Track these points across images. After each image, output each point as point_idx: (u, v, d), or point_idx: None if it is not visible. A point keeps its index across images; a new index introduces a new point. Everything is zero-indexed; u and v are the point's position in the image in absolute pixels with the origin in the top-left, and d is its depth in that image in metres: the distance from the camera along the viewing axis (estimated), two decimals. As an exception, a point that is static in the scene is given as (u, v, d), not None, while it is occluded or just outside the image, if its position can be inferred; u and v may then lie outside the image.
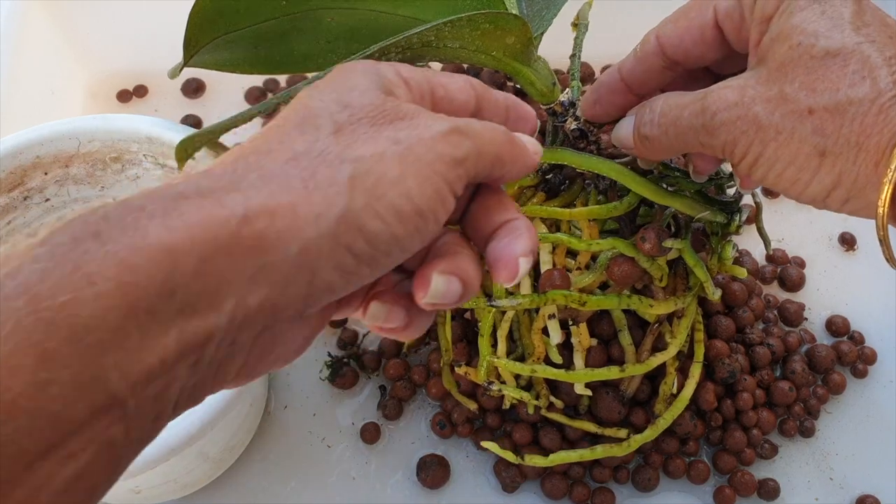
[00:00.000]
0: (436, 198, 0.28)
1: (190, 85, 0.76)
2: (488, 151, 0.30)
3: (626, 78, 0.42)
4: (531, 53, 0.41)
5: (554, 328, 0.49)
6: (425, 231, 0.28)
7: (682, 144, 0.38)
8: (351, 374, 0.62)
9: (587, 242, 0.46)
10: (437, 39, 0.35)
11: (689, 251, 0.46)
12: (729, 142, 0.35)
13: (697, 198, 0.44)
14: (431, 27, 0.34)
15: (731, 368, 0.58)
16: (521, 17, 0.37)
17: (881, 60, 0.32)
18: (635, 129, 0.40)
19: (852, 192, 0.33)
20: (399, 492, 0.59)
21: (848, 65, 0.32)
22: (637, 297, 0.48)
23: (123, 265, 0.22)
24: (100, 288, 0.22)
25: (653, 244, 0.44)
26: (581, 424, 0.56)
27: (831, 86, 0.32)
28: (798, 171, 0.34)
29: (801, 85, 0.33)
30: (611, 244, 0.45)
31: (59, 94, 0.74)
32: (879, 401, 0.63)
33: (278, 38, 0.40)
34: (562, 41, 0.49)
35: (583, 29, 0.48)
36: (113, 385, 0.22)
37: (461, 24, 0.35)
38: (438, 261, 0.30)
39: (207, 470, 0.57)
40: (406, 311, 0.31)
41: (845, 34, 0.33)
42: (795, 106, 0.33)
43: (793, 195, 0.35)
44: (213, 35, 0.38)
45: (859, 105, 0.32)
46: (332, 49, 0.41)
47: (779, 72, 0.34)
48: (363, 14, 0.40)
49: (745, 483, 0.58)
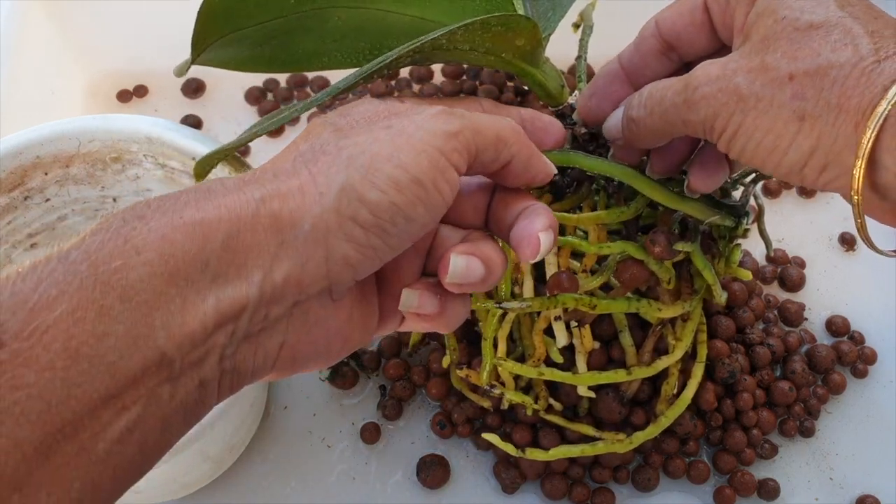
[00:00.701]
0: (432, 168, 0.31)
1: (190, 85, 0.76)
2: (486, 130, 0.33)
3: (625, 66, 0.42)
4: (539, 55, 0.41)
5: (560, 330, 0.49)
6: (428, 201, 0.31)
7: (666, 124, 0.37)
8: (351, 374, 0.62)
9: (597, 246, 0.46)
10: (449, 42, 0.35)
11: (698, 254, 0.46)
12: (709, 115, 0.35)
13: (706, 202, 0.44)
14: (445, 32, 0.34)
15: (731, 368, 0.59)
16: (531, 19, 0.37)
17: (863, 31, 0.32)
18: (624, 115, 0.40)
19: (830, 156, 0.33)
20: (399, 492, 0.59)
21: (831, 34, 0.33)
22: (646, 300, 0.48)
23: (164, 239, 0.26)
24: (145, 257, 0.26)
25: (663, 247, 0.44)
26: (580, 428, 0.56)
27: (812, 52, 0.32)
28: (776, 138, 0.34)
29: (783, 54, 0.33)
30: (621, 247, 0.46)
31: (59, 94, 0.73)
32: (879, 401, 0.63)
33: (284, 36, 0.40)
34: (565, 43, 0.49)
35: (588, 31, 0.48)
36: (161, 343, 0.25)
37: (474, 27, 0.35)
38: (458, 245, 0.34)
39: (207, 470, 0.57)
40: (438, 299, 0.34)
41: (830, 9, 0.33)
42: (776, 73, 0.33)
43: (770, 166, 0.35)
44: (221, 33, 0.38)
45: (840, 68, 0.32)
46: (339, 48, 0.41)
47: (762, 44, 0.34)
48: (371, 13, 0.40)
49: (745, 483, 0.58)
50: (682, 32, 0.40)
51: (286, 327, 0.30)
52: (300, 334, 0.30)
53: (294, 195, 0.29)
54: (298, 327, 0.30)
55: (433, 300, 0.34)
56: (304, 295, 0.29)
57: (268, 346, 0.29)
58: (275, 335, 0.29)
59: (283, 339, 0.30)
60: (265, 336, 0.29)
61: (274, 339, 0.29)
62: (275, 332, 0.29)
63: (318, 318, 0.31)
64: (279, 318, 0.29)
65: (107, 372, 0.24)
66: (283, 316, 0.29)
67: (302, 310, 0.30)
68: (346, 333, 0.33)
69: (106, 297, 0.25)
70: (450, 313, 0.34)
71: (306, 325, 0.30)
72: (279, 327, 0.29)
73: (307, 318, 0.30)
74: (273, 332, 0.29)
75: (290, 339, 0.30)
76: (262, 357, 0.29)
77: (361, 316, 0.33)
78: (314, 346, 0.31)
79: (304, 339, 0.30)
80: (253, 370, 0.29)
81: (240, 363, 0.29)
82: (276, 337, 0.29)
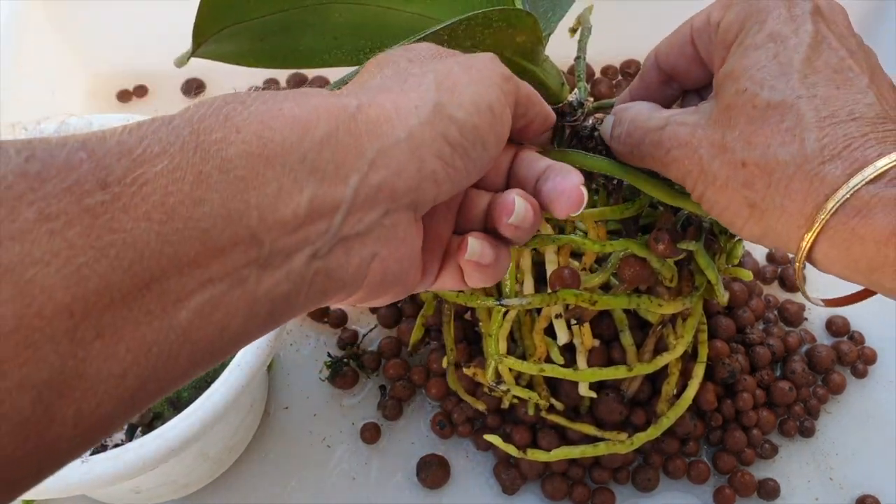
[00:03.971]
0: (500, 101, 0.33)
1: (190, 85, 0.76)
2: (523, 86, 0.35)
3: (634, 96, 0.43)
4: (540, 53, 0.41)
5: (561, 328, 0.49)
6: (497, 130, 0.33)
7: (644, 166, 0.39)
8: (351, 374, 0.62)
9: (600, 243, 0.46)
10: (451, 39, 0.35)
11: (702, 253, 0.46)
12: (679, 177, 0.37)
13: None
14: (447, 26, 0.34)
15: (731, 368, 0.59)
16: (532, 14, 0.37)
17: (814, 121, 0.33)
18: (610, 134, 0.41)
19: (778, 244, 0.35)
20: (399, 492, 0.59)
21: (784, 120, 0.33)
22: (646, 296, 0.48)
23: (263, 124, 0.26)
24: (244, 135, 0.26)
25: (666, 245, 0.44)
26: (581, 427, 0.56)
27: (764, 140, 0.33)
28: (733, 216, 0.35)
29: (740, 134, 0.34)
30: (624, 245, 0.46)
31: (60, 94, 0.74)
32: (879, 401, 0.63)
33: (284, 31, 0.40)
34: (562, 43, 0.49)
35: (586, 32, 0.48)
36: (253, 223, 0.26)
37: (476, 21, 0.35)
38: (511, 190, 0.35)
39: (207, 470, 0.57)
40: (493, 249, 0.35)
41: (790, 85, 0.33)
42: (732, 156, 0.34)
43: (734, 231, 0.37)
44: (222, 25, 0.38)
45: (785, 168, 0.33)
46: (339, 45, 0.41)
47: (724, 114, 0.35)
48: (371, 10, 0.40)
49: (745, 483, 0.58)
50: (677, 64, 0.41)
51: (378, 237, 0.30)
52: (391, 248, 0.31)
53: (389, 107, 0.30)
54: (390, 240, 0.31)
55: (490, 250, 0.35)
56: (395, 204, 0.30)
57: (362, 254, 0.30)
58: (367, 244, 0.30)
59: (375, 250, 0.30)
60: (358, 243, 0.29)
61: (367, 247, 0.30)
62: (368, 239, 0.30)
63: (405, 234, 0.31)
64: (372, 227, 0.30)
65: (198, 238, 0.24)
66: (375, 224, 0.30)
67: (392, 221, 0.30)
68: (419, 263, 0.34)
69: (205, 164, 0.25)
70: (500, 263, 0.36)
71: (396, 239, 0.31)
72: (372, 236, 0.30)
73: (397, 231, 0.31)
74: (366, 239, 0.30)
75: (381, 251, 0.30)
76: (356, 265, 0.30)
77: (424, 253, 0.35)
78: (401, 264, 0.32)
79: (394, 254, 0.31)
80: (345, 279, 0.30)
81: (332, 267, 0.29)
82: (368, 246, 0.30)
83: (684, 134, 0.36)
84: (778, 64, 0.34)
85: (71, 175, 0.23)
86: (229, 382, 0.47)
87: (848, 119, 0.32)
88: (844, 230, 0.32)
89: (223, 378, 0.47)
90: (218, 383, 0.47)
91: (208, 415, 0.46)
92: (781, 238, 0.34)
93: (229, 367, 0.48)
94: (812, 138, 0.32)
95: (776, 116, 0.33)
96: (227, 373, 0.47)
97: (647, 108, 0.40)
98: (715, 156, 0.35)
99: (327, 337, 0.65)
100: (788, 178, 0.33)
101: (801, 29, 0.35)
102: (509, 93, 0.34)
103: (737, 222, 0.36)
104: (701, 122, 0.36)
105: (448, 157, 0.31)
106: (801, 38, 0.34)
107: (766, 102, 0.33)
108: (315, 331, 0.65)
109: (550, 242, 0.46)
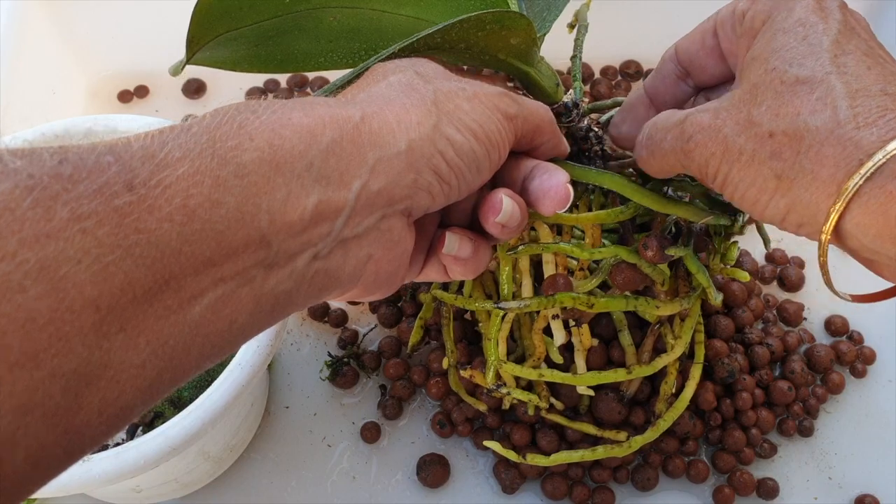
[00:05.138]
0: (497, 133, 0.34)
1: (191, 85, 0.76)
2: (532, 119, 0.37)
3: (648, 90, 0.44)
4: (534, 54, 0.41)
5: (558, 328, 0.49)
6: (491, 159, 0.35)
7: (667, 165, 0.39)
8: (351, 374, 0.62)
9: (589, 252, 0.46)
10: (444, 41, 0.35)
11: (691, 258, 0.46)
12: (702, 163, 0.36)
13: (702, 200, 0.44)
14: (439, 29, 0.34)
15: (730, 368, 0.59)
16: (526, 16, 0.37)
17: (845, 92, 0.32)
18: (636, 152, 0.41)
19: (805, 216, 0.34)
20: (399, 491, 0.59)
21: (814, 92, 0.32)
22: (644, 298, 0.48)
23: (274, 132, 0.28)
24: (256, 143, 0.28)
25: (655, 251, 0.44)
26: (581, 427, 0.56)
27: (794, 111, 0.33)
28: (758, 192, 0.35)
29: (767, 108, 0.33)
30: (612, 252, 0.46)
31: (60, 94, 0.74)
32: (878, 400, 0.63)
33: (280, 36, 0.40)
34: (559, 42, 0.49)
35: (583, 30, 0.48)
36: (263, 226, 0.27)
37: (468, 24, 0.35)
38: (499, 189, 0.36)
39: (208, 469, 0.57)
40: (472, 243, 0.37)
41: (819, 62, 0.33)
42: (759, 129, 0.34)
43: (756, 216, 0.36)
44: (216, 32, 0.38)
45: (816, 133, 0.32)
46: (334, 49, 0.42)
47: (750, 94, 0.34)
48: (366, 13, 0.40)
49: (745, 482, 0.58)
50: (695, 57, 0.41)
51: (374, 239, 0.32)
52: (385, 250, 0.33)
53: (391, 119, 0.32)
54: (384, 242, 0.32)
55: (469, 245, 0.37)
56: (391, 209, 0.32)
57: (359, 255, 0.32)
58: (364, 245, 0.32)
59: (371, 251, 0.32)
60: (356, 244, 0.31)
61: (364, 249, 0.32)
62: (364, 241, 0.32)
63: (399, 237, 0.33)
64: (369, 229, 0.31)
65: (214, 238, 0.26)
66: (371, 227, 0.31)
67: (388, 225, 0.32)
68: (408, 262, 0.35)
69: (222, 170, 0.26)
70: (480, 257, 0.38)
71: (390, 242, 0.33)
72: (369, 238, 0.32)
73: (391, 234, 0.33)
74: (363, 241, 0.32)
75: (376, 252, 0.32)
76: (353, 265, 0.32)
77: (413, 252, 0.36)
78: (393, 264, 0.34)
79: (387, 255, 0.33)
80: (342, 278, 0.31)
81: (331, 267, 0.31)
82: (365, 247, 0.32)
83: (707, 119, 0.36)
84: (808, 45, 0.34)
85: (101, 177, 0.24)
86: (230, 381, 0.47)
87: (881, 94, 0.32)
88: (881, 193, 0.31)
89: (224, 377, 0.47)
90: (218, 382, 0.47)
91: (209, 414, 0.46)
92: (809, 209, 0.33)
93: (230, 367, 0.48)
94: (844, 106, 0.32)
95: (806, 89, 0.33)
96: (227, 372, 0.47)
97: (666, 113, 0.39)
98: (740, 132, 0.34)
99: (327, 336, 0.65)
100: (820, 144, 0.32)
101: (830, 17, 0.34)
102: (510, 130, 0.35)
103: (762, 198, 0.35)
104: (724, 105, 0.36)
105: (443, 173, 0.33)
106: (831, 25, 0.34)
107: (796, 77, 0.33)
108: (315, 330, 0.65)
109: (540, 251, 0.46)
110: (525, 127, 0.36)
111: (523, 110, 0.36)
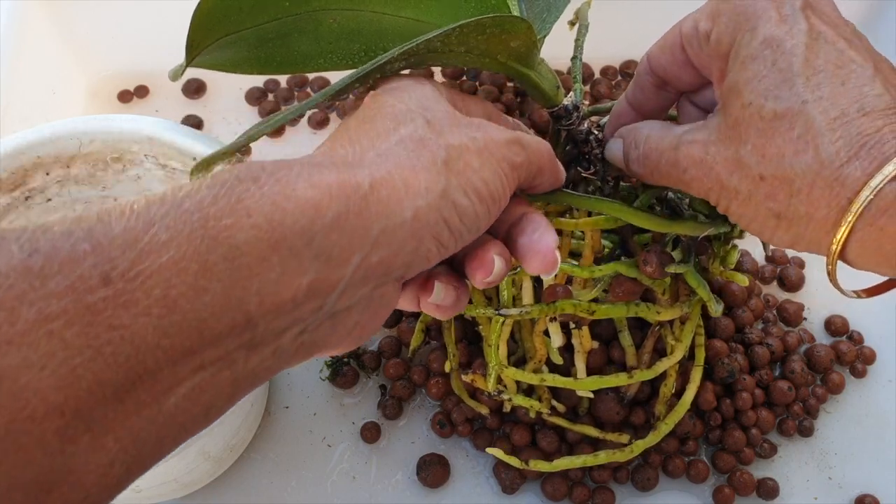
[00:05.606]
0: (501, 189, 0.33)
1: (191, 85, 0.76)
2: (535, 162, 0.36)
3: (630, 101, 0.44)
4: (534, 57, 0.41)
5: (555, 331, 0.49)
6: (490, 217, 0.34)
7: (667, 185, 0.40)
8: (351, 374, 0.62)
9: (589, 270, 0.46)
10: (444, 45, 0.35)
11: (692, 274, 0.46)
12: (702, 194, 0.37)
13: (702, 207, 0.44)
14: (440, 34, 0.34)
15: (730, 368, 0.59)
16: (526, 20, 0.37)
17: (825, 124, 0.32)
18: (625, 161, 0.41)
19: (811, 246, 0.35)
20: (399, 491, 0.59)
21: (794, 128, 0.33)
22: (645, 304, 0.48)
23: (275, 206, 0.26)
24: (254, 220, 0.26)
25: (654, 267, 0.44)
26: (582, 429, 0.56)
27: (778, 152, 0.33)
28: (760, 226, 0.36)
29: (753, 148, 0.34)
30: (613, 269, 0.46)
31: (60, 94, 0.74)
32: (878, 400, 0.63)
33: (280, 38, 0.40)
34: (559, 42, 0.49)
35: (583, 30, 0.48)
36: (252, 309, 0.25)
37: (469, 29, 0.35)
38: (491, 245, 0.35)
39: (208, 469, 0.57)
40: (456, 292, 0.36)
41: (794, 91, 0.33)
42: (749, 171, 0.34)
43: (765, 240, 0.37)
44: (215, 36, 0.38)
45: (804, 177, 0.33)
46: (334, 50, 0.41)
47: (734, 130, 0.35)
48: (365, 15, 0.40)
49: (744, 482, 0.58)
50: (669, 69, 0.41)
51: (365, 307, 0.31)
52: (372, 314, 0.31)
53: (400, 185, 0.30)
54: (375, 308, 0.31)
55: (453, 294, 0.36)
56: (386, 278, 0.30)
57: (346, 324, 0.30)
58: (354, 314, 0.30)
59: (359, 318, 0.31)
60: (345, 315, 0.30)
61: (352, 317, 0.30)
62: (355, 311, 0.30)
63: (389, 301, 0.32)
64: (362, 298, 0.30)
65: (196, 328, 0.24)
66: (365, 296, 0.30)
67: (380, 293, 0.31)
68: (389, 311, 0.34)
69: (211, 254, 0.25)
70: (460, 304, 0.37)
71: (380, 306, 0.31)
72: (359, 307, 0.30)
73: (383, 300, 0.31)
74: (353, 311, 0.30)
75: (363, 318, 0.31)
76: (340, 334, 0.30)
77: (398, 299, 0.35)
78: (377, 324, 0.32)
79: (374, 318, 0.32)
80: (327, 346, 0.30)
81: (318, 339, 0.29)
82: (353, 316, 0.30)
83: (697, 152, 0.36)
84: (778, 71, 0.33)
85: (74, 271, 0.22)
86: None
87: (859, 115, 0.32)
88: (873, 230, 0.32)
89: (223, 378, 0.47)
90: (217, 384, 0.47)
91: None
92: (812, 244, 0.34)
93: (229, 368, 0.48)
94: (826, 142, 0.32)
95: (785, 125, 0.33)
96: (226, 373, 0.47)
97: (658, 128, 0.39)
98: (732, 172, 0.35)
99: (327, 336, 0.65)
100: (809, 187, 0.32)
101: (794, 29, 0.34)
102: (514, 180, 0.34)
103: (765, 232, 0.36)
104: (712, 139, 0.36)
105: (445, 240, 0.32)
106: (797, 39, 0.34)
107: (773, 112, 0.33)
108: (315, 330, 0.65)
109: None
110: (528, 173, 0.36)
111: (529, 155, 0.35)
